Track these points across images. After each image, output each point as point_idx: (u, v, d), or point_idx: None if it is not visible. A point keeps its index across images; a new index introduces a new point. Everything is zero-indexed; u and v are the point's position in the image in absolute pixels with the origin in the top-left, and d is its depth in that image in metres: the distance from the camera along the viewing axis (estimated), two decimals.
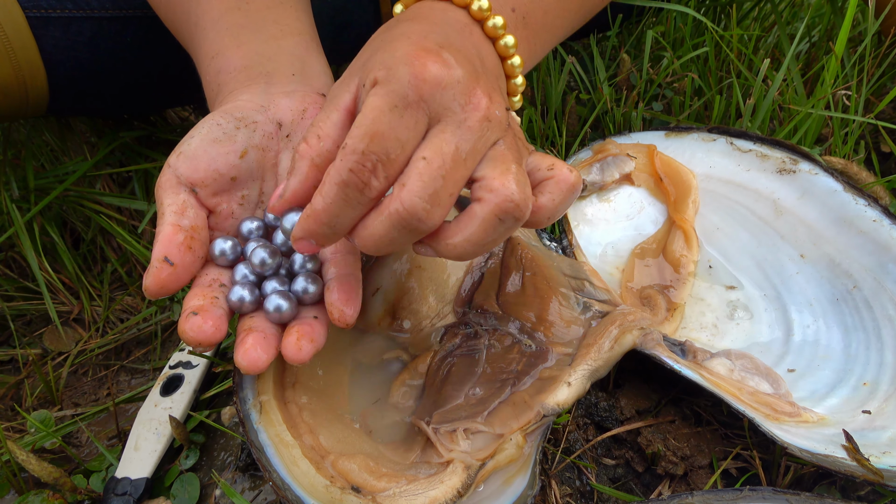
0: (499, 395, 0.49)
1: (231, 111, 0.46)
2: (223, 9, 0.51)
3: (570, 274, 0.57)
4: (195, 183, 0.44)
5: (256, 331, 0.42)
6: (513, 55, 0.45)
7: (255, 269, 0.44)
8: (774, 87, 0.69)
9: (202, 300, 0.42)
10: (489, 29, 0.44)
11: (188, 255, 0.42)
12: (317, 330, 0.42)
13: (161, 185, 0.44)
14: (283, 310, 0.43)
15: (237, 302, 0.43)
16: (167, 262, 0.41)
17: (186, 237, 0.42)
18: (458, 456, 0.45)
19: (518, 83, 0.47)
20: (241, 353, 0.40)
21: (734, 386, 0.50)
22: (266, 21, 0.51)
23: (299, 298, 0.44)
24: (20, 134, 0.82)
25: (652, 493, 0.50)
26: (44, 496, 0.52)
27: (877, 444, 0.46)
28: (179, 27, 0.56)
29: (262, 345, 0.41)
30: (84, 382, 0.68)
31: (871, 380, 0.51)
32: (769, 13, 0.89)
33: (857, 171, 0.65)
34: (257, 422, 0.46)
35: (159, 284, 0.41)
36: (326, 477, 0.43)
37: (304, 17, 0.54)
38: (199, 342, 0.40)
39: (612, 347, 0.50)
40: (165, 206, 0.43)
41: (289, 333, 0.42)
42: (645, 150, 0.67)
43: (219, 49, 0.50)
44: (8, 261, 0.77)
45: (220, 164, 0.45)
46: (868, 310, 0.55)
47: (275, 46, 0.50)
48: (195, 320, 0.40)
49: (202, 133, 0.45)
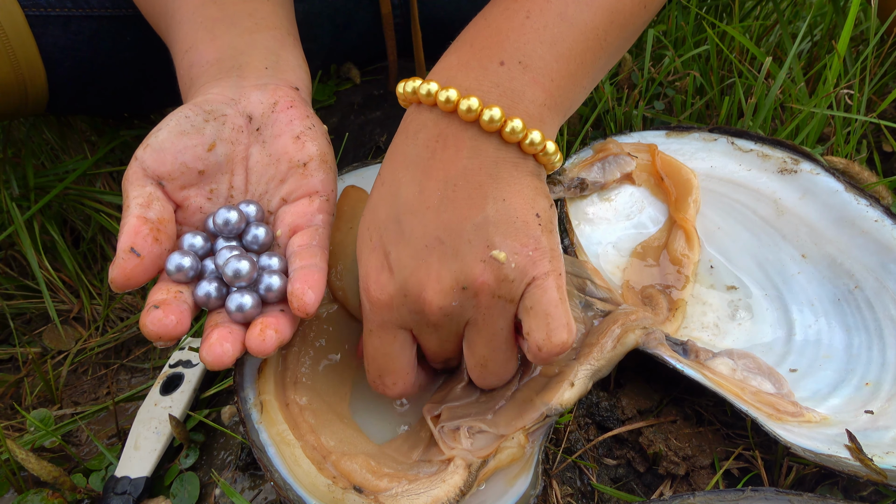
0: (505, 391, 0.48)
1: (201, 104, 0.46)
2: (198, 3, 0.51)
3: (572, 272, 0.56)
4: (162, 176, 0.44)
5: (222, 325, 0.41)
6: (542, 149, 0.42)
7: (226, 278, 0.43)
8: (776, 85, 0.69)
9: (166, 294, 0.42)
10: (508, 135, 0.41)
11: (155, 247, 0.41)
12: (282, 321, 0.42)
13: (127, 177, 0.43)
14: (245, 308, 0.42)
15: (203, 297, 0.42)
16: (133, 253, 0.40)
17: (153, 228, 0.41)
18: (460, 453, 0.44)
19: (550, 151, 0.43)
20: (206, 348, 0.40)
21: (737, 386, 0.50)
22: (241, 15, 0.51)
23: (263, 297, 0.43)
24: (20, 132, 0.82)
25: (653, 494, 0.50)
26: (43, 495, 0.52)
27: (880, 444, 0.46)
28: (157, 20, 0.56)
29: (228, 339, 0.40)
30: (84, 381, 0.67)
31: (874, 380, 0.51)
32: (771, 12, 0.89)
33: (859, 171, 0.65)
34: (258, 421, 0.45)
35: (126, 276, 0.40)
36: (328, 477, 0.43)
37: (280, 11, 0.53)
38: (159, 336, 0.39)
39: (615, 347, 0.50)
40: (131, 198, 0.42)
41: (253, 326, 0.41)
42: (646, 149, 0.66)
43: (192, 42, 0.50)
44: (8, 259, 0.77)
45: (188, 157, 0.44)
46: (870, 310, 0.55)
47: (248, 40, 0.50)
48: (156, 314, 0.39)
49: (170, 125, 0.44)
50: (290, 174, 0.47)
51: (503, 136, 0.41)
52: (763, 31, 0.88)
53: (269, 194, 0.48)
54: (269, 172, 0.47)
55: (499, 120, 0.40)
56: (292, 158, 0.47)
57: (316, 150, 0.47)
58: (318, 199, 0.47)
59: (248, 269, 0.43)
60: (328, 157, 0.48)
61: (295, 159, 0.47)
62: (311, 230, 0.46)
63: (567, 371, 0.48)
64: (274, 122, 0.47)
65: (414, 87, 0.42)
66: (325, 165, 0.48)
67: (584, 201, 0.66)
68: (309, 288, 0.41)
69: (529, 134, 0.41)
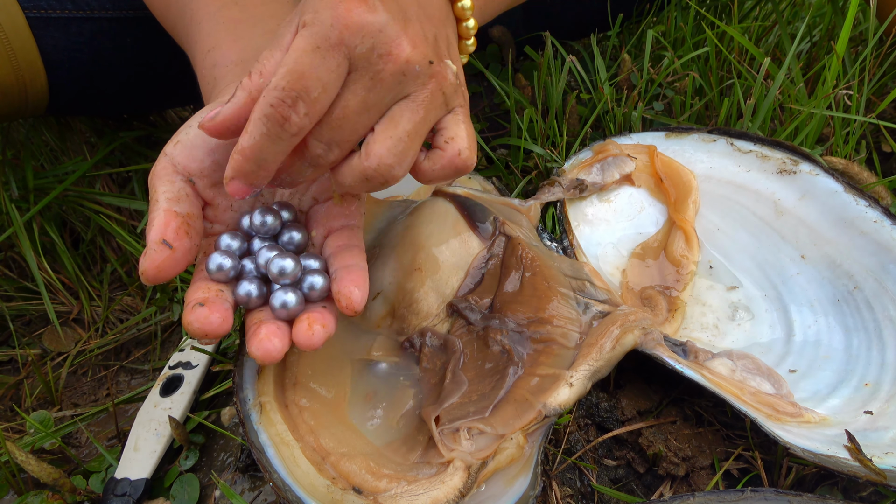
0: (499, 387, 0.48)
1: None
2: (220, 4, 0.51)
3: (571, 274, 0.56)
4: (192, 172, 0.43)
5: (268, 322, 0.41)
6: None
7: (272, 276, 0.43)
8: (775, 85, 0.69)
9: (207, 293, 0.41)
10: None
11: (185, 241, 0.41)
12: (327, 317, 0.42)
13: (156, 173, 0.43)
14: (289, 306, 0.42)
15: (244, 296, 0.42)
16: (166, 245, 0.40)
17: (182, 223, 0.41)
18: (459, 455, 0.44)
19: (470, 26, 0.45)
20: (256, 343, 0.40)
21: (736, 386, 0.50)
22: (263, 16, 0.51)
23: (306, 296, 0.43)
24: (19, 134, 0.82)
25: (653, 495, 0.50)
26: (43, 497, 0.52)
27: (879, 444, 0.46)
28: (175, 23, 0.56)
29: (276, 335, 0.40)
30: (83, 383, 0.67)
31: (873, 380, 0.51)
32: (770, 12, 0.89)
33: (859, 172, 0.65)
34: (257, 422, 0.45)
35: (157, 268, 0.39)
36: (327, 478, 0.43)
37: None
38: (205, 333, 0.39)
39: (614, 347, 0.50)
40: (160, 192, 0.42)
41: (299, 321, 0.41)
42: (645, 150, 0.66)
43: (215, 43, 0.50)
44: (7, 261, 0.77)
45: (220, 155, 0.44)
46: (869, 310, 0.55)
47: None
48: (201, 311, 0.39)
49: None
50: None
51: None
52: (762, 31, 0.88)
53: (300, 193, 0.48)
54: None
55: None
56: None
57: None
58: (350, 198, 0.47)
59: (294, 267, 0.43)
60: None
61: None
62: (348, 231, 0.46)
63: (566, 371, 0.48)
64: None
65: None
66: None
67: (583, 202, 0.66)
68: (355, 287, 0.41)
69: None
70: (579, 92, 0.81)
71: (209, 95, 0.50)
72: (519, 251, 0.55)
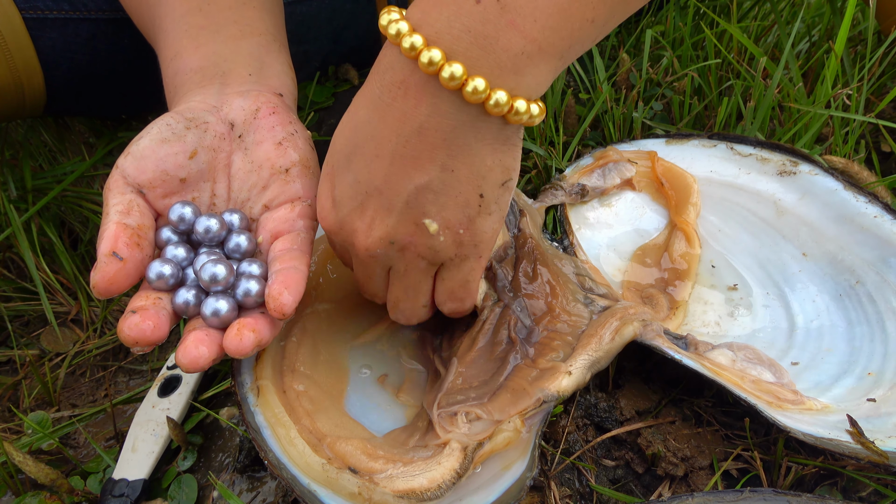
0: (500, 373, 0.48)
1: (182, 112, 0.46)
2: (184, 10, 0.50)
3: (574, 271, 0.57)
4: (143, 184, 0.44)
5: (199, 329, 0.41)
6: (510, 110, 0.38)
7: (203, 283, 0.42)
8: (774, 83, 0.69)
9: (145, 301, 0.41)
10: (469, 95, 0.36)
11: (136, 252, 0.41)
12: (260, 322, 0.41)
13: (108, 185, 0.43)
14: (221, 313, 0.41)
15: (182, 305, 0.42)
16: (115, 257, 0.40)
17: (133, 234, 0.41)
18: (456, 436, 0.44)
19: (528, 119, 0.39)
20: (182, 350, 0.39)
21: (736, 375, 0.50)
22: (226, 22, 0.50)
23: (241, 302, 0.43)
24: (17, 134, 0.82)
25: (652, 495, 0.50)
26: (41, 498, 0.52)
27: (882, 429, 0.46)
28: (146, 28, 0.56)
29: (204, 342, 0.40)
30: (82, 383, 0.67)
31: (876, 370, 0.51)
32: (769, 12, 0.89)
33: (858, 171, 0.65)
34: (254, 404, 0.46)
35: (108, 281, 0.39)
36: (323, 457, 0.43)
37: (267, 17, 0.53)
38: (136, 341, 0.39)
39: (613, 338, 0.50)
40: (111, 205, 0.42)
41: (230, 328, 0.41)
42: (646, 156, 0.67)
43: (177, 50, 0.50)
44: (5, 261, 0.77)
45: (169, 165, 0.44)
46: (871, 304, 0.55)
47: (233, 47, 0.50)
48: (133, 319, 0.39)
49: (151, 133, 0.44)
50: (273, 180, 0.47)
51: (464, 95, 0.36)
52: (761, 31, 0.88)
53: (252, 201, 0.48)
54: (251, 179, 0.47)
55: (459, 78, 0.36)
56: (274, 165, 0.47)
57: (297, 155, 0.47)
58: (301, 204, 0.47)
59: (225, 274, 0.42)
60: (310, 163, 0.48)
61: (277, 165, 0.47)
62: (293, 235, 0.46)
63: (564, 364, 0.49)
64: (256, 129, 0.47)
65: (388, 19, 0.38)
66: (307, 171, 0.47)
67: (584, 206, 0.66)
68: (286, 289, 0.41)
69: (493, 94, 0.36)
70: (578, 91, 0.81)
71: (171, 103, 0.50)
72: (530, 243, 0.56)
